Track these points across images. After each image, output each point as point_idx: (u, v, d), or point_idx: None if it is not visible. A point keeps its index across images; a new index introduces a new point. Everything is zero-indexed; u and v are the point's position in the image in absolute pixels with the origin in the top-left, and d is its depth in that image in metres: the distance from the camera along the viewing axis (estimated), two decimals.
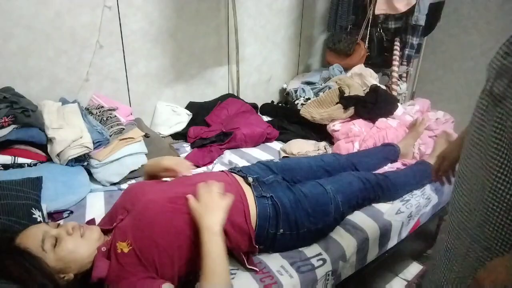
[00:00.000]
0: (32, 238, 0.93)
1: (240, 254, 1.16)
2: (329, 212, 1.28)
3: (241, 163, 1.85)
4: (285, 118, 2.39)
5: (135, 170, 1.73)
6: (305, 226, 1.23)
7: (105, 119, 1.85)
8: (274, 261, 1.21)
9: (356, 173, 1.49)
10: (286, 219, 1.20)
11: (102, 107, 1.93)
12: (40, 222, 1.21)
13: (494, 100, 0.74)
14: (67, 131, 1.62)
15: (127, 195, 1.17)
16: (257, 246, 1.18)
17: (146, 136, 1.91)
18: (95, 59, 1.96)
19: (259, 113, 2.53)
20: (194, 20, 2.27)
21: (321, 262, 1.23)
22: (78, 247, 0.96)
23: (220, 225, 1.00)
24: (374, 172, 1.63)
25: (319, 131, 2.18)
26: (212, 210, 1.02)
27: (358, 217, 1.42)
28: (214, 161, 1.92)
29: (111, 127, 1.80)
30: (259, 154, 2.02)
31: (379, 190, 1.46)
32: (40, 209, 1.28)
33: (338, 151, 1.90)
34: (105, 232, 1.07)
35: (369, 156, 1.71)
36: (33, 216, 1.21)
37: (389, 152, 1.80)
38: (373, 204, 1.48)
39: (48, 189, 1.43)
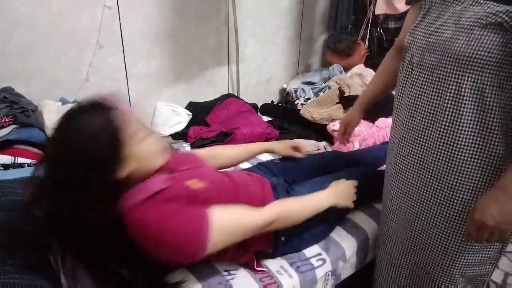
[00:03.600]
0: (129, 123, 0.92)
1: (252, 252, 1.15)
2: (328, 212, 1.28)
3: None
4: (285, 118, 2.39)
5: None
6: (306, 231, 1.23)
7: None
8: (274, 261, 1.21)
9: (356, 169, 1.49)
10: (287, 228, 1.20)
11: None
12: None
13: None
14: None
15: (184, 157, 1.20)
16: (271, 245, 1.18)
17: None
18: (95, 59, 1.96)
19: (259, 113, 2.53)
20: (194, 20, 2.27)
21: (320, 262, 1.23)
22: (154, 149, 0.99)
23: (329, 205, 1.18)
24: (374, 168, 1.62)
25: (319, 131, 2.17)
26: (341, 194, 1.22)
27: (358, 217, 1.42)
28: None
29: None
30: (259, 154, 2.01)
31: (379, 186, 1.46)
32: None
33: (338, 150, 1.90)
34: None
35: (370, 153, 1.70)
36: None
37: None
38: (373, 204, 1.48)
39: None
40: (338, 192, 1.23)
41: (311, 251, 1.26)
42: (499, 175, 0.93)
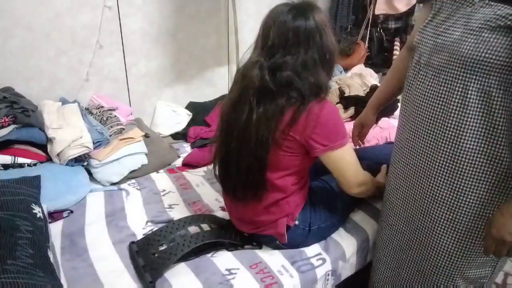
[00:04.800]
0: None
1: (284, 220, 1.20)
2: (336, 208, 1.30)
3: None
4: None
5: (135, 170, 1.73)
6: (316, 223, 1.25)
7: (105, 119, 1.85)
8: (275, 261, 1.21)
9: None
10: (303, 214, 1.23)
11: (102, 107, 1.93)
12: (40, 217, 1.21)
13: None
14: (67, 131, 1.62)
15: None
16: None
17: (146, 136, 1.91)
18: (95, 59, 1.96)
19: None
20: (194, 20, 2.27)
21: (320, 261, 1.23)
22: None
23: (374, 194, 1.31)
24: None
25: None
26: (377, 186, 1.29)
27: (358, 217, 1.42)
28: None
29: (111, 127, 1.80)
30: None
31: None
32: (40, 206, 1.28)
33: None
34: None
35: (374, 151, 1.70)
36: (33, 211, 1.21)
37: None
38: (373, 204, 1.48)
39: (48, 189, 1.42)
40: (382, 185, 1.30)
41: (312, 250, 1.26)
42: (505, 181, 0.92)
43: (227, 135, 1.19)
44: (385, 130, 1.96)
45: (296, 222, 1.22)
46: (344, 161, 1.14)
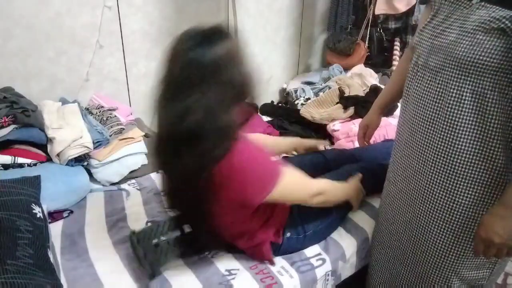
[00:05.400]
0: None
1: (268, 244, 1.17)
2: (329, 208, 1.28)
3: None
4: (285, 118, 2.38)
5: (135, 170, 1.73)
6: (310, 228, 1.24)
7: (105, 119, 1.85)
8: (275, 261, 1.21)
9: (356, 164, 1.49)
10: (293, 224, 1.21)
11: (102, 107, 1.93)
12: (40, 217, 1.21)
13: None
14: (67, 131, 1.62)
15: None
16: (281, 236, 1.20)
17: (146, 136, 1.91)
18: (95, 59, 1.96)
19: (259, 113, 2.53)
20: (194, 20, 2.24)
21: (320, 262, 1.23)
22: None
23: (349, 197, 1.28)
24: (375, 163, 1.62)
25: (319, 131, 2.17)
26: (347, 190, 1.27)
27: (358, 217, 1.42)
28: None
29: (111, 127, 1.80)
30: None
31: (380, 179, 1.45)
32: (40, 206, 1.28)
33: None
34: None
35: (372, 150, 1.70)
36: (33, 211, 1.21)
37: (391, 146, 1.78)
38: (373, 204, 1.48)
39: (48, 189, 1.42)
40: (356, 188, 1.31)
41: (312, 250, 1.26)
42: (500, 183, 0.93)
43: (168, 183, 1.10)
44: (382, 128, 1.95)
45: (288, 235, 1.20)
46: (287, 191, 1.04)
